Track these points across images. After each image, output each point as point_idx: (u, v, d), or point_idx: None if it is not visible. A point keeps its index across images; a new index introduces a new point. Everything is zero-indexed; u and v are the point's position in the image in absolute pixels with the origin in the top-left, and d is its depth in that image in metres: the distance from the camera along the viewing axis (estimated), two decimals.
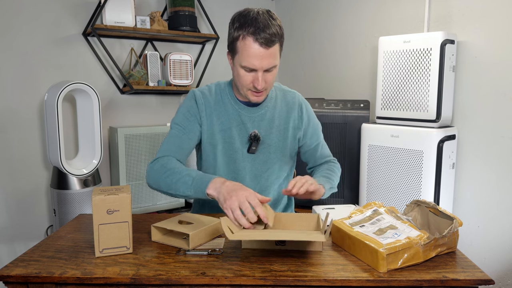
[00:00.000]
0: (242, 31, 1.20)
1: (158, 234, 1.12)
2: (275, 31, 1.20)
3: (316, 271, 0.91)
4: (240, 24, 1.20)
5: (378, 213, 1.10)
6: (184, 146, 1.32)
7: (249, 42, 1.19)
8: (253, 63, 1.21)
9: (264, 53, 1.20)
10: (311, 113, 1.49)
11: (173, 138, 1.32)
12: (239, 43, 1.21)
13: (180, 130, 1.33)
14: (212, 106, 1.36)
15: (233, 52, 1.25)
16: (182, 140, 1.32)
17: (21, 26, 2.32)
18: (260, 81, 1.23)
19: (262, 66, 1.22)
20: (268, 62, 1.22)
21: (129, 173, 2.46)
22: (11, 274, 0.91)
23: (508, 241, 1.78)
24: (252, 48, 1.19)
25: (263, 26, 1.18)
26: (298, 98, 1.47)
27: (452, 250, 1.01)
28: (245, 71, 1.24)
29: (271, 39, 1.19)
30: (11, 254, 2.38)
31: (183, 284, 0.89)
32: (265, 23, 1.18)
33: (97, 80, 2.58)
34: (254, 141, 1.36)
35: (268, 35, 1.18)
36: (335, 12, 2.65)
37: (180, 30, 2.62)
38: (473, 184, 1.89)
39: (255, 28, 1.18)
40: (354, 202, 2.23)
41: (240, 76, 1.25)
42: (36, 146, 2.42)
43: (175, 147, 1.31)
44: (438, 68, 1.78)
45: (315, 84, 2.87)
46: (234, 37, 1.22)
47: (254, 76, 1.24)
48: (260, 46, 1.19)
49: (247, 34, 1.19)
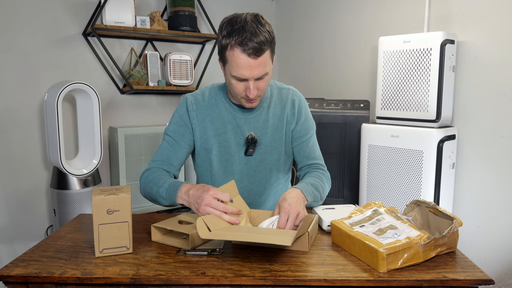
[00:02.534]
0: (229, 40, 1.16)
1: (158, 234, 1.12)
2: (264, 38, 1.15)
3: (316, 271, 0.91)
4: (227, 32, 1.17)
5: (378, 213, 1.10)
6: (175, 156, 1.36)
7: (237, 53, 1.15)
8: (243, 74, 1.18)
9: (254, 63, 1.17)
10: (303, 108, 1.43)
11: (164, 149, 1.37)
12: (228, 53, 1.18)
13: (170, 140, 1.36)
14: (205, 111, 1.36)
15: (223, 61, 1.22)
16: (173, 150, 1.36)
17: (21, 26, 2.32)
18: (252, 90, 1.21)
19: (253, 75, 1.19)
20: (258, 71, 1.19)
21: (129, 173, 2.46)
22: (11, 274, 0.91)
23: (508, 241, 1.78)
24: (241, 59, 1.16)
25: (250, 35, 1.14)
26: (292, 94, 1.42)
27: (452, 250, 1.01)
28: (236, 80, 1.22)
29: (260, 47, 1.15)
30: (11, 254, 2.38)
31: (183, 284, 0.89)
32: (253, 31, 1.14)
33: (97, 80, 2.58)
34: (251, 144, 1.35)
35: (257, 44, 1.14)
36: (335, 12, 2.65)
37: (180, 30, 2.62)
38: (473, 184, 1.89)
39: (242, 38, 1.14)
40: (354, 202, 2.23)
41: (232, 85, 1.24)
42: (36, 146, 2.42)
43: (164, 157, 1.35)
44: (438, 68, 1.78)
45: (315, 84, 2.87)
46: (223, 45, 1.19)
47: (245, 85, 1.22)
48: (249, 57, 1.15)
49: (235, 44, 1.15)
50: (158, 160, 1.35)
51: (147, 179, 1.31)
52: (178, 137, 1.36)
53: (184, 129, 1.36)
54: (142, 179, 1.33)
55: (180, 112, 1.38)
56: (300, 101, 1.43)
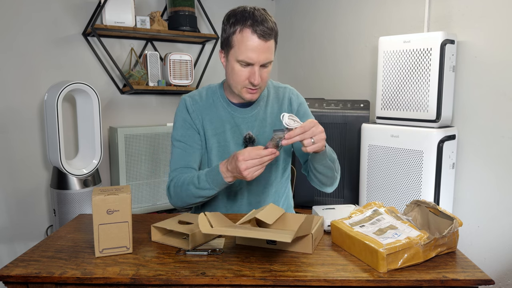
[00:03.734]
0: (239, 25, 1.20)
1: (158, 234, 1.12)
2: (272, 26, 1.21)
3: (316, 271, 0.91)
4: (236, 19, 1.20)
5: (378, 213, 1.10)
6: (192, 159, 1.34)
7: (247, 34, 1.19)
8: (250, 56, 1.20)
9: (262, 46, 1.20)
10: (302, 105, 1.43)
11: (178, 156, 1.34)
12: (236, 37, 1.21)
13: (182, 145, 1.34)
14: (204, 111, 1.36)
15: (229, 47, 1.24)
16: (188, 155, 1.33)
17: (21, 26, 2.32)
18: (257, 75, 1.22)
19: (260, 60, 1.21)
20: (265, 56, 1.21)
21: (129, 173, 2.46)
22: (11, 274, 0.91)
23: (508, 241, 1.78)
24: (250, 40, 1.19)
25: (260, 20, 1.19)
26: (289, 92, 1.43)
27: (452, 250, 1.01)
28: (240, 66, 1.23)
29: (269, 32, 1.20)
30: (11, 254, 2.38)
31: (183, 284, 0.89)
32: (262, 17, 1.19)
33: (97, 80, 2.58)
34: (249, 143, 1.35)
35: (266, 28, 1.19)
36: (335, 12, 2.65)
37: (180, 30, 2.62)
38: (473, 184, 1.89)
39: (253, 21, 1.18)
40: (354, 202, 2.23)
41: (235, 72, 1.24)
42: (36, 146, 2.42)
43: (182, 163, 1.33)
44: (438, 68, 1.78)
45: (315, 84, 2.87)
46: (230, 32, 1.22)
47: (250, 71, 1.23)
48: (259, 38, 1.19)
49: (245, 26, 1.19)
50: (178, 168, 1.33)
51: (176, 187, 1.28)
52: (189, 140, 1.34)
53: (192, 131, 1.35)
54: (172, 190, 1.30)
55: (183, 115, 1.37)
56: (298, 98, 1.43)
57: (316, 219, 1.11)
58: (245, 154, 1.08)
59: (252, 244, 1.06)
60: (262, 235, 0.95)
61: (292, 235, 0.91)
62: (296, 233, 0.92)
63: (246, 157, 1.08)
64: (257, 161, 1.08)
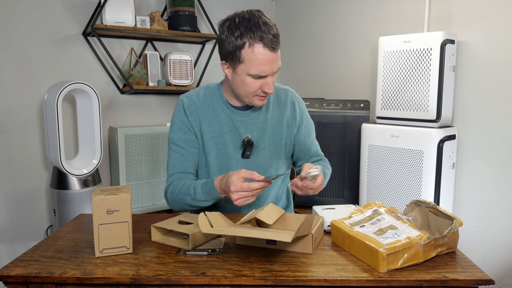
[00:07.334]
0: (247, 38, 1.15)
1: (158, 234, 1.12)
2: (276, 31, 1.19)
3: (316, 271, 0.91)
4: (241, 32, 1.15)
5: (378, 213, 1.10)
6: (188, 164, 1.34)
7: (258, 49, 1.16)
8: (264, 70, 1.19)
9: (274, 57, 1.19)
10: (304, 111, 1.45)
11: (175, 160, 1.34)
12: (245, 52, 1.16)
13: (179, 149, 1.33)
14: (202, 113, 1.34)
15: (236, 61, 1.20)
16: (185, 159, 1.33)
17: (21, 26, 2.32)
18: (271, 85, 1.22)
19: (272, 70, 1.21)
20: (277, 65, 1.22)
21: (129, 173, 2.46)
22: (11, 274, 0.91)
23: (508, 241, 1.78)
24: (262, 55, 1.16)
25: (267, 29, 1.16)
26: (291, 96, 1.43)
27: (452, 250, 1.01)
28: (253, 79, 1.21)
29: (276, 40, 1.18)
30: (11, 254, 2.38)
31: (183, 284, 0.89)
32: (267, 25, 1.16)
33: (97, 80, 2.58)
34: (247, 146, 1.33)
35: (273, 36, 1.17)
36: (335, 12, 2.65)
37: (180, 30, 2.62)
38: (473, 184, 1.89)
39: (262, 33, 1.15)
40: (354, 202, 2.23)
41: (246, 85, 1.22)
42: (36, 146, 2.42)
43: (180, 168, 1.33)
44: (438, 68, 1.78)
45: (315, 84, 2.87)
46: (238, 45, 1.16)
47: (262, 82, 1.21)
48: (270, 51, 1.17)
49: (255, 41, 1.15)
50: (175, 172, 1.33)
51: (173, 194, 1.29)
52: (186, 144, 1.33)
53: (189, 134, 1.33)
54: (169, 196, 1.32)
55: (180, 117, 1.34)
56: (300, 104, 1.44)
57: (316, 219, 1.11)
58: (237, 186, 1.08)
59: (252, 244, 1.07)
60: (262, 235, 0.95)
61: (292, 235, 0.91)
62: (296, 233, 0.92)
63: (238, 189, 1.08)
64: (248, 193, 1.09)
